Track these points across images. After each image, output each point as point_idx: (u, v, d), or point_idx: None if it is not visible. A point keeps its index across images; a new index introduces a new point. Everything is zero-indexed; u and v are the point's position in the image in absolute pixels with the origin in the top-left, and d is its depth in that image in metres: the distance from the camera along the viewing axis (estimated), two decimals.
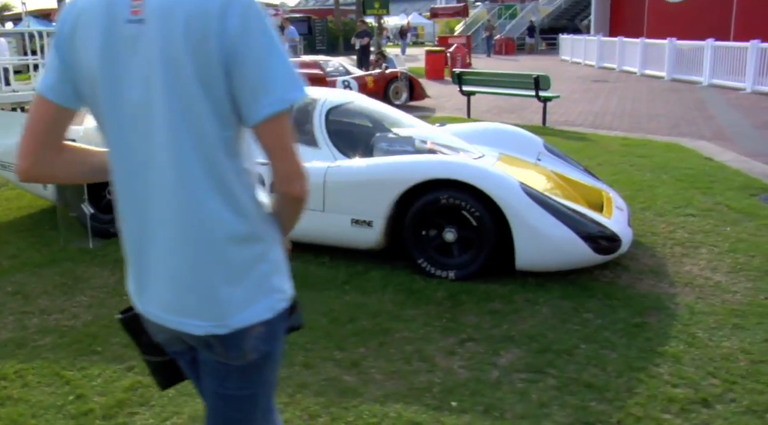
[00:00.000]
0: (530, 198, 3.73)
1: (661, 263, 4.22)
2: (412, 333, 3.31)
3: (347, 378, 2.90)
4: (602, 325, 3.36)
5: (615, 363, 2.99)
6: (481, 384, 2.84)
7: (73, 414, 2.63)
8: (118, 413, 2.64)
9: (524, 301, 3.66)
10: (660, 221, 5.08)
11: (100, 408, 2.67)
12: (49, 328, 3.36)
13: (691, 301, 3.65)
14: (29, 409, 2.67)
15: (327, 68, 11.96)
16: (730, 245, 4.51)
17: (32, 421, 2.60)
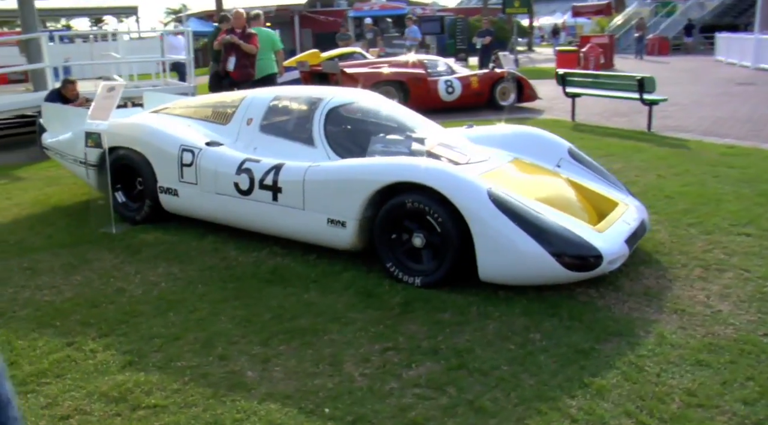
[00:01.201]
0: (497, 206, 3.51)
1: (664, 286, 3.78)
2: (343, 336, 3.28)
3: (249, 374, 2.95)
4: (543, 347, 3.10)
5: (525, 390, 2.76)
6: (369, 394, 2.76)
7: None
8: (33, 381, 2.90)
9: (477, 314, 3.47)
10: (701, 239, 4.54)
11: (22, 374, 2.95)
12: (32, 301, 3.75)
13: (669, 330, 3.25)
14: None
15: (432, 68, 11.90)
16: (765, 272, 3.93)
17: None
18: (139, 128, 4.95)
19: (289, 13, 40.62)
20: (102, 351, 3.16)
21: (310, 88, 5.23)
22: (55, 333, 3.35)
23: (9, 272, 4.17)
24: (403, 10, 33.24)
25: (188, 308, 3.60)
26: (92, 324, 3.44)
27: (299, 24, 40.65)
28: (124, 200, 5.12)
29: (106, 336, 3.30)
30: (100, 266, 4.25)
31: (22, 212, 5.61)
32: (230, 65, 9.42)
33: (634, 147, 7.90)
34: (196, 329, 3.37)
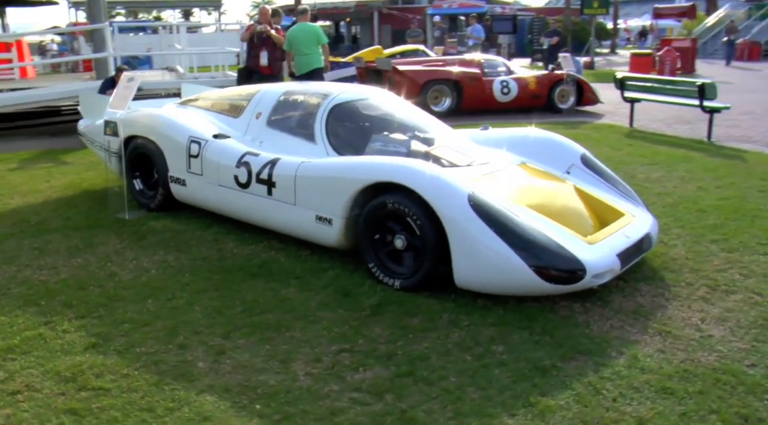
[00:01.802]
0: (475, 212, 3.39)
1: (658, 305, 3.55)
2: (304, 334, 3.26)
3: (200, 364, 2.97)
4: (502, 361, 2.97)
5: (465, 404, 2.65)
6: (305, 394, 2.73)
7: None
8: (1, 356, 3.04)
9: (447, 321, 3.36)
10: (719, 257, 4.24)
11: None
12: (29, 280, 3.93)
13: (645, 353, 3.04)
14: None
15: (488, 68, 11.66)
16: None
17: None
18: (153, 118, 5.10)
19: (369, 9, 40.90)
20: (73, 332, 3.27)
21: (321, 84, 5.24)
22: (37, 311, 3.50)
23: (19, 251, 4.39)
24: (482, 8, 32.81)
25: (167, 296, 3.68)
26: (74, 305, 3.57)
27: (378, 21, 40.87)
28: (142, 188, 5.30)
29: (82, 318, 3.42)
30: (103, 250, 4.40)
31: (54, 194, 5.90)
32: (263, 60, 9.60)
33: (683, 156, 7.47)
34: (167, 317, 3.43)
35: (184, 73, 11.55)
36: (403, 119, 4.71)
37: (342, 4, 41.91)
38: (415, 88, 10.93)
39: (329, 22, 44.53)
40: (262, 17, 9.88)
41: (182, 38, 11.81)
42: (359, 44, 38.95)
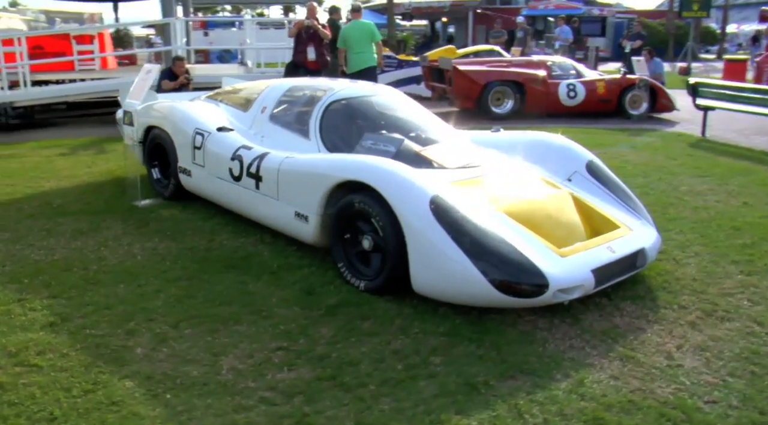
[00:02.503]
0: (435, 216, 3.25)
1: (635, 328, 3.28)
2: (251, 328, 3.24)
3: (138, 351, 3.02)
4: (432, 374, 2.83)
5: (372, 414, 2.55)
6: (219, 389, 2.71)
7: None
8: None
9: (397, 327, 3.25)
10: (734, 280, 3.89)
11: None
12: (25, 259, 4.15)
13: (594, 379, 2.81)
14: None
15: (555, 70, 11.22)
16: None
17: None
18: (167, 109, 5.26)
19: (464, 9, 40.49)
20: (39, 310, 3.42)
21: (324, 81, 5.19)
22: (17, 288, 3.68)
23: (29, 231, 4.65)
24: (579, 9, 31.68)
25: (140, 282, 3.77)
26: (52, 285, 3.73)
27: (473, 20, 40.39)
28: (159, 177, 5.48)
29: (53, 298, 3.57)
30: (104, 235, 4.58)
31: (88, 179, 6.21)
32: (311, 55, 9.72)
33: (742, 169, 6.88)
34: (130, 302, 3.52)
35: (252, 67, 11.88)
36: (402, 118, 4.61)
37: (437, 3, 41.74)
38: (476, 88, 10.71)
39: (425, 21, 44.53)
40: (310, 13, 10.01)
41: (251, 33, 12.15)
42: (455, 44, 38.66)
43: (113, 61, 13.97)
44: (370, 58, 9.98)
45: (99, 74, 11.59)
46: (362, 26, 10.05)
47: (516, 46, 17.38)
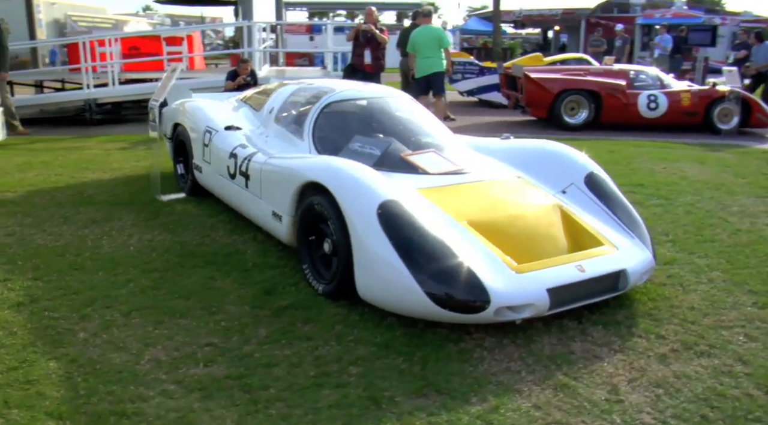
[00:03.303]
0: (381, 223, 3.13)
1: (591, 356, 2.99)
2: (193, 322, 3.27)
3: (80, 335, 3.12)
4: (342, 384, 2.72)
5: (249, 419, 2.48)
6: (129, 377, 2.75)
7: None
8: None
9: (334, 333, 3.16)
10: (739, 313, 3.51)
11: None
12: (31, 243, 4.42)
13: (515, 407, 2.60)
14: None
15: (637, 80, 10.55)
16: (759, 372, 2.87)
17: None
18: (188, 107, 5.45)
19: (576, 17, 39.18)
20: (16, 291, 3.63)
21: (329, 82, 5.15)
22: (9, 269, 3.93)
23: (48, 218, 4.96)
24: (698, 18, 29.75)
25: (117, 271, 3.91)
26: (40, 268, 3.95)
27: (585, 29, 38.97)
28: (182, 172, 5.68)
29: (35, 280, 3.78)
30: (112, 225, 4.80)
31: (130, 173, 6.54)
32: (367, 58, 9.75)
33: None
34: (100, 288, 3.65)
35: (328, 70, 12.12)
36: (400, 123, 4.49)
37: (548, 11, 40.70)
38: (547, 97, 10.30)
39: (538, 29, 43.57)
40: (368, 18, 10.05)
41: (329, 38, 12.41)
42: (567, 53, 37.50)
43: (201, 62, 14.70)
44: (438, 64, 9.91)
45: (185, 74, 12.21)
46: (431, 31, 9.99)
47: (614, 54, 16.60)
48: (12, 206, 5.26)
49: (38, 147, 8.11)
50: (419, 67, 9.90)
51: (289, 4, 35.14)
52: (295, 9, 35.19)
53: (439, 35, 9.94)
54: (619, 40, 17.57)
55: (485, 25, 38.60)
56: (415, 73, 10.01)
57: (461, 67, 14.12)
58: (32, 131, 9.54)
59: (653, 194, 5.91)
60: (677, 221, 5.10)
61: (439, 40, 9.85)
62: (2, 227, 4.72)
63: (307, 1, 35.20)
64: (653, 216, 5.22)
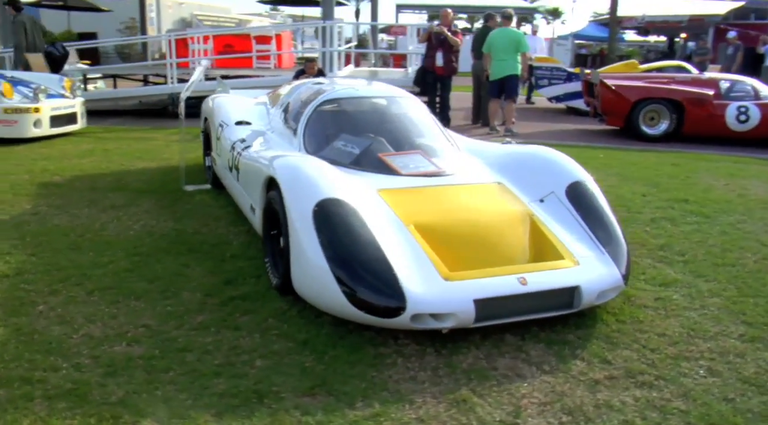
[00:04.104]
0: (314, 218, 3.13)
1: (516, 374, 2.83)
2: (142, 304, 3.41)
3: (39, 308, 3.35)
4: (239, 374, 2.74)
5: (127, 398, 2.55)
6: (53, 347, 2.91)
7: None
8: None
9: (264, 327, 3.19)
10: (713, 343, 3.18)
11: None
12: (48, 222, 4.77)
13: (392, 417, 2.51)
14: None
15: (726, 90, 9.71)
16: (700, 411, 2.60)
17: None
18: (214, 102, 5.67)
19: (704, 24, 36.70)
20: (9, 263, 3.93)
21: (335, 80, 5.15)
22: (16, 244, 4.28)
23: (77, 201, 5.34)
24: None
25: (106, 253, 4.15)
26: (42, 245, 4.27)
27: (713, 36, 36.38)
28: (209, 164, 5.92)
29: (32, 256, 4.09)
30: (128, 211, 5.09)
31: (175, 163, 6.87)
32: (439, 61, 9.66)
33: None
34: (81, 267, 3.89)
35: (408, 71, 12.19)
36: (392, 122, 4.44)
37: (673, 17, 38.38)
38: (624, 105, 9.75)
39: (663, 36, 41.26)
40: (443, 20, 9.96)
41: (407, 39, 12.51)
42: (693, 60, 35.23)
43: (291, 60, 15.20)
44: (513, 67, 9.72)
45: (271, 72, 12.71)
46: (509, 34, 9.80)
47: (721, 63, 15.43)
48: (52, 188, 5.73)
49: (109, 136, 8.76)
50: (494, 69, 9.72)
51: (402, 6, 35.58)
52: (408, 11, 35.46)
53: (518, 39, 9.73)
54: (731, 48, 16.26)
55: (603, 32, 36.98)
56: (490, 75, 9.83)
57: (548, 72, 13.69)
58: (119, 122, 10.31)
59: (694, 212, 5.44)
60: (704, 242, 4.67)
61: (517, 43, 9.65)
62: (33, 207, 5.15)
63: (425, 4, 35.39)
64: (680, 234, 4.82)
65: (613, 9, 29.17)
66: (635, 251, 4.43)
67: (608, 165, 7.49)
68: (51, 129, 8.13)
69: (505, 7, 11.25)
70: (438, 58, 9.85)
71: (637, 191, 6.11)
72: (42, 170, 6.43)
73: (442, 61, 9.91)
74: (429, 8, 36.45)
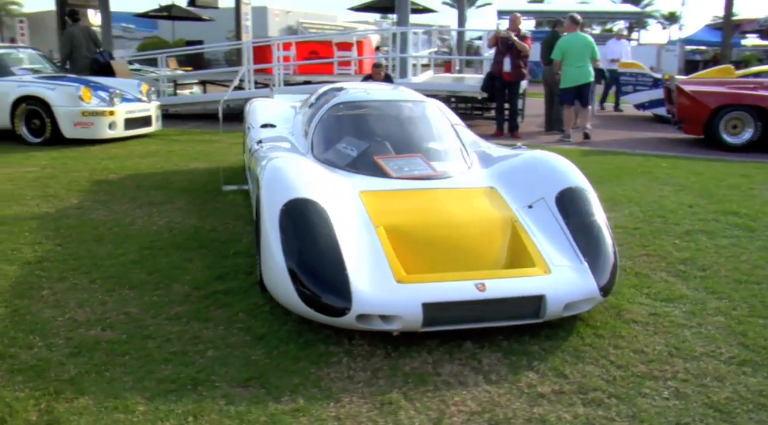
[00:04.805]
0: (279, 217, 3.21)
1: (455, 381, 2.77)
2: (131, 294, 3.62)
3: (43, 292, 3.64)
4: (185, 362, 2.86)
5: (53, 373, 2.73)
6: (31, 325, 3.18)
7: None
8: None
9: (233, 320, 3.30)
10: (691, 365, 2.96)
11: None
12: (85, 216, 5.15)
13: (305, 413, 2.52)
14: None
15: None
16: None
17: None
18: (252, 106, 5.92)
19: None
20: (36, 252, 4.29)
21: (351, 84, 5.19)
22: (48, 235, 4.65)
23: (119, 198, 5.73)
24: None
25: (122, 245, 4.42)
26: (71, 236, 4.62)
27: None
28: None
29: (58, 245, 4.43)
30: (162, 208, 5.40)
31: (226, 164, 7.18)
32: (506, 66, 9.46)
33: None
34: (96, 258, 4.19)
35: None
36: (398, 125, 4.46)
37: None
38: (703, 112, 9.16)
39: None
40: (512, 24, 9.76)
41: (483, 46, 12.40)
42: None
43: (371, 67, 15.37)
44: (589, 74, 9.46)
45: (351, 78, 12.96)
46: (583, 40, 9.52)
47: None
48: (103, 185, 6.19)
49: (179, 139, 9.31)
50: (569, 75, 9.42)
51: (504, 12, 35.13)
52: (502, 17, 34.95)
53: (591, 44, 9.44)
54: None
55: (717, 36, 34.79)
56: (562, 81, 9.50)
57: (633, 78, 13.09)
58: (198, 125, 10.91)
59: (739, 225, 5.04)
60: (736, 257, 4.33)
61: (591, 49, 9.35)
62: (79, 202, 5.59)
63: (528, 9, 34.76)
64: (711, 248, 4.50)
65: (728, 11, 27.34)
66: (652, 264, 4.20)
67: (670, 175, 7.07)
68: (125, 131, 8.75)
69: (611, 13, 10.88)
70: (505, 63, 9.69)
71: (684, 202, 5.74)
72: (103, 168, 6.95)
73: (510, 66, 9.74)
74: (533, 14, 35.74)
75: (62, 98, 8.32)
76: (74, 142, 8.48)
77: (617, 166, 7.52)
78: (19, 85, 8.53)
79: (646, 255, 4.39)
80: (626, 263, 4.19)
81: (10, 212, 5.22)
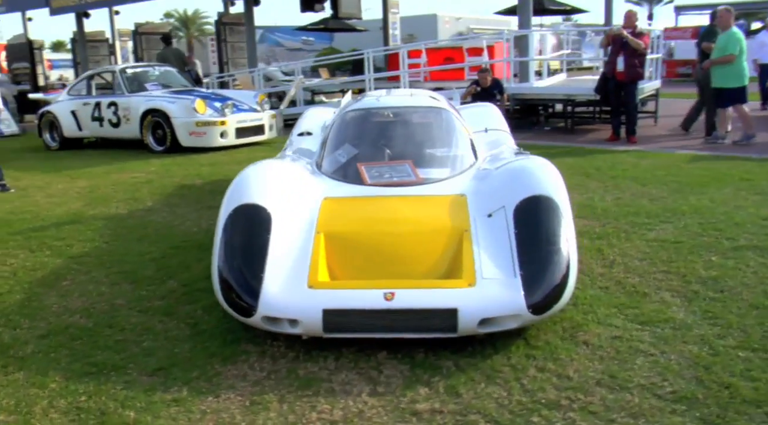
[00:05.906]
0: (226, 219, 3.40)
1: (362, 389, 2.77)
2: (130, 286, 4.03)
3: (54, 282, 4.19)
4: (120, 351, 3.15)
5: None
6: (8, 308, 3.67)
7: None
8: None
9: (188, 315, 3.56)
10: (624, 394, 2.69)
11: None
12: (146, 218, 5.72)
13: (197, 405, 2.69)
14: None
15: None
16: None
17: None
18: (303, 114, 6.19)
19: None
20: (84, 248, 4.89)
21: (376, 92, 5.16)
22: (103, 233, 5.27)
23: (189, 201, 6.30)
24: None
25: (155, 244, 4.88)
26: (119, 235, 5.19)
27: None
28: None
29: (105, 243, 5.02)
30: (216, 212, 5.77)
31: None
32: (620, 65, 8.79)
33: None
34: (126, 253, 4.69)
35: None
36: (402, 131, 4.45)
37: None
38: None
39: None
40: (627, 21, 9.04)
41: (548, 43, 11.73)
42: None
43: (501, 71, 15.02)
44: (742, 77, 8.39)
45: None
46: (738, 36, 8.42)
47: None
48: (183, 189, 6.84)
49: None
50: (744, 72, 8.38)
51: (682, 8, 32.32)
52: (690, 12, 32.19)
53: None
54: None
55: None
56: (737, 78, 8.38)
57: None
58: None
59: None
60: (742, 280, 3.74)
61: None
62: (152, 204, 6.25)
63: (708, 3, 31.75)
64: (753, 267, 3.95)
65: None
66: (662, 283, 3.79)
67: None
68: (236, 139, 9.52)
69: None
70: (619, 62, 8.98)
71: (760, 215, 5.00)
72: (196, 174, 7.66)
73: (624, 65, 9.01)
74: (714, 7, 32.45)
75: (180, 110, 9.29)
76: (190, 150, 9.41)
77: (715, 172, 6.70)
78: (147, 100, 9.69)
79: (665, 272, 3.94)
80: (632, 280, 3.82)
81: (90, 213, 5.99)
